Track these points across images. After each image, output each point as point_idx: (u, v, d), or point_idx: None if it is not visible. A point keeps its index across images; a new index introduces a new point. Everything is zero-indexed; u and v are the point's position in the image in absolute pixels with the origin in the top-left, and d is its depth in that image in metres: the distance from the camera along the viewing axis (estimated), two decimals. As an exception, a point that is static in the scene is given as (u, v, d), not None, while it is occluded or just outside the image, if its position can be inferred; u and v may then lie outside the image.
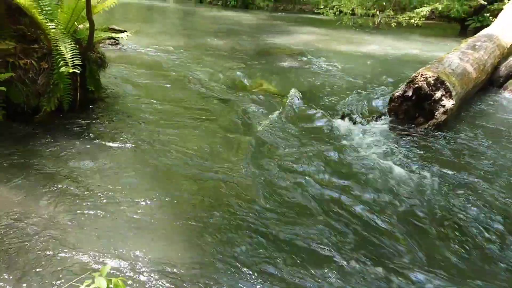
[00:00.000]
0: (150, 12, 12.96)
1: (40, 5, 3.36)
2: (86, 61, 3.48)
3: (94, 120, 3.20)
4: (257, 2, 16.34)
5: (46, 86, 3.26)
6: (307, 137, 3.07)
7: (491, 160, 2.91)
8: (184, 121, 3.27)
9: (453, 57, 4.29)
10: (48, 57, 3.31)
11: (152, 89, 4.07)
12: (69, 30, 3.37)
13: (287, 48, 6.87)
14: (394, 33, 9.44)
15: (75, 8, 3.21)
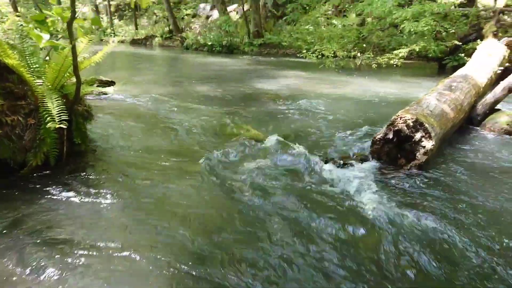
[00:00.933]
0: (137, 60, 13.24)
1: (28, 63, 3.46)
2: (72, 115, 3.55)
3: (80, 174, 3.21)
4: (242, 47, 16.83)
5: (33, 142, 3.29)
6: (292, 183, 3.12)
7: (474, 199, 2.97)
8: (170, 173, 3.29)
9: (430, 98, 4.45)
10: (35, 113, 3.36)
11: (139, 139, 4.12)
12: (56, 86, 3.45)
13: (272, 93, 7.05)
14: (375, 74, 9.76)
15: (62, 65, 3.31)
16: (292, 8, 19.16)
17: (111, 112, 5.09)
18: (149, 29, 23.05)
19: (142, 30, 23.21)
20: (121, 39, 23.31)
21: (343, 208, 2.75)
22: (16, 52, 3.43)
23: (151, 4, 20.17)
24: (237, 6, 21.56)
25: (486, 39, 8.43)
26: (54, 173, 3.23)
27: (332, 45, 10.74)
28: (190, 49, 17.55)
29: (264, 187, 3.01)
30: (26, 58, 3.48)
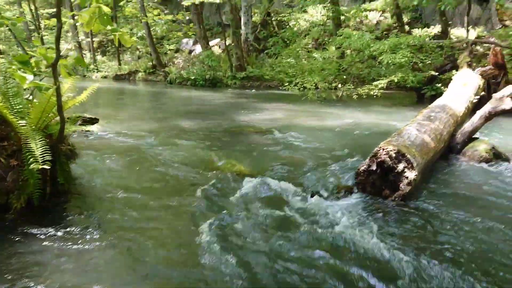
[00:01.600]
0: (121, 96, 13.27)
1: (12, 104, 3.45)
2: (56, 155, 3.52)
3: (63, 215, 3.17)
4: (225, 80, 17.05)
5: (16, 183, 3.24)
6: (278, 219, 3.12)
7: (457, 231, 3.01)
8: (155, 211, 3.27)
9: (411, 129, 4.56)
10: (18, 154, 3.33)
11: (123, 176, 4.10)
12: (40, 126, 3.44)
13: (256, 126, 7.12)
14: (356, 104, 9.97)
15: (46, 105, 3.31)
16: (273, 42, 19.65)
17: (95, 149, 5.05)
18: (132, 64, 23.21)
19: (125, 65, 23.35)
20: (104, 75, 23.39)
21: (328, 242, 2.75)
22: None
23: (134, 43, 20.40)
24: (220, 41, 21.96)
25: (461, 69, 8.73)
26: (37, 214, 3.17)
27: (314, 77, 10.98)
28: (174, 84, 17.69)
29: (250, 224, 3.00)
30: (10, 99, 3.47)
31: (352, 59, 11.15)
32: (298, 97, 10.79)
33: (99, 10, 3.71)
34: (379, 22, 18.18)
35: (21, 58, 3.90)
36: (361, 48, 10.77)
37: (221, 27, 21.75)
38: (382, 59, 9.88)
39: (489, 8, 14.80)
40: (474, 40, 10.96)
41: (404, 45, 9.85)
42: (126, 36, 4.09)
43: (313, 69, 11.69)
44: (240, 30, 18.22)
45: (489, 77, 8.30)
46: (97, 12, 3.72)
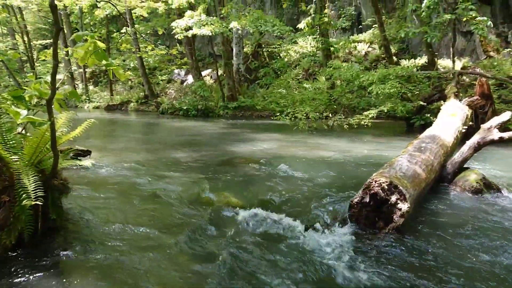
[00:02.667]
0: (114, 127, 13.26)
1: (5, 139, 3.45)
2: (48, 190, 3.50)
3: (55, 252, 3.12)
4: (217, 110, 17.19)
5: (7, 220, 3.20)
6: (271, 253, 3.10)
7: (451, 265, 3.02)
8: (148, 248, 3.23)
9: (402, 160, 4.62)
10: (9, 190, 3.30)
11: (115, 211, 4.06)
12: (33, 162, 3.43)
13: (248, 157, 7.15)
14: (347, 134, 10.08)
15: (40, 141, 3.31)
16: (264, 72, 19.97)
17: (88, 183, 5.02)
18: (124, 94, 23.36)
19: (118, 95, 23.49)
20: (96, 105, 23.46)
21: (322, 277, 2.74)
22: (-8, 129, 3.42)
23: (129, 77, 20.59)
24: (211, 71, 22.27)
25: (449, 99, 8.91)
26: (28, 252, 3.12)
27: (305, 107, 11.13)
28: (166, 114, 17.77)
29: (245, 259, 2.98)
30: (3, 134, 3.47)
31: (342, 89, 11.35)
32: (290, 127, 10.89)
33: (94, 46, 3.78)
34: (367, 53, 18.61)
35: (15, 93, 3.93)
36: (351, 79, 10.99)
37: (212, 57, 22.11)
38: (371, 89, 10.08)
39: (474, 39, 15.26)
40: (461, 71, 11.23)
41: (393, 76, 10.07)
42: (121, 71, 4.15)
43: (304, 99, 11.86)
44: (231, 61, 18.52)
45: (476, 107, 8.49)
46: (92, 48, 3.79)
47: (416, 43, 17.16)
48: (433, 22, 13.52)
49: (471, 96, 8.93)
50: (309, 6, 19.58)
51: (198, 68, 20.68)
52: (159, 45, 24.93)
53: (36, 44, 32.05)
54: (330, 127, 11.01)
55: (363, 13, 20.54)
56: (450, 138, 6.02)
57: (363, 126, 9.95)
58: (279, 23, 13.14)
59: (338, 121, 10.71)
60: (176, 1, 9.69)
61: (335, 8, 21.70)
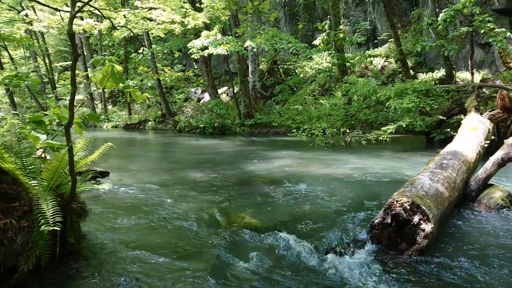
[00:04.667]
0: (131, 146, 13.39)
1: (24, 164, 3.48)
2: (67, 214, 3.50)
3: (74, 278, 3.10)
4: (234, 128, 17.23)
5: (25, 245, 3.20)
6: (293, 277, 3.02)
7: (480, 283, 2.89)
8: (167, 272, 3.19)
9: (424, 178, 4.50)
10: (28, 215, 3.31)
11: (134, 234, 4.04)
12: (52, 186, 3.44)
13: (266, 175, 7.09)
14: (365, 151, 9.94)
15: (58, 166, 3.33)
16: (280, 89, 20.01)
17: (106, 205, 5.04)
18: (142, 113, 23.66)
19: (136, 114, 23.81)
20: (114, 124, 23.81)
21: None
22: (12, 154, 3.46)
23: (146, 98, 20.96)
24: (227, 88, 22.43)
25: (469, 113, 8.74)
26: (45, 278, 3.11)
27: (321, 123, 11.05)
28: (183, 132, 17.89)
29: (265, 283, 2.91)
30: (23, 159, 3.51)
31: (359, 105, 11.24)
32: (307, 144, 10.81)
33: (112, 69, 3.82)
34: (384, 67, 18.49)
35: (35, 118, 3.99)
36: (368, 94, 10.89)
37: (228, 75, 22.29)
38: (389, 104, 9.96)
39: (492, 51, 15.02)
40: (480, 84, 11.05)
41: (411, 91, 9.94)
42: (138, 93, 4.18)
43: (321, 115, 11.79)
44: (247, 78, 18.64)
45: (498, 120, 8.30)
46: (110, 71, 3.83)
47: (433, 56, 16.98)
48: (450, 35, 13.37)
49: (492, 109, 8.74)
50: (323, 22, 19.68)
51: (214, 86, 20.85)
52: (176, 64, 25.31)
53: (57, 66, 32.92)
54: (348, 143, 10.89)
55: (378, 27, 20.50)
56: (472, 153, 5.87)
57: (381, 141, 9.81)
58: (294, 40, 13.19)
59: (355, 137, 10.59)
60: (192, 22, 9.83)
61: (349, 23, 21.72)
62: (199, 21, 10.20)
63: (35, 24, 11.53)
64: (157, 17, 8.73)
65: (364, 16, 21.46)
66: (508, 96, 8.51)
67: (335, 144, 10.88)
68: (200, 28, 14.00)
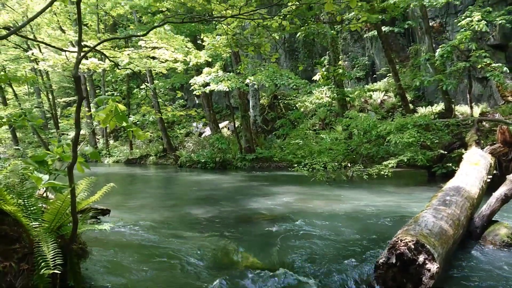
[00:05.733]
0: (132, 182, 13.36)
1: (26, 205, 3.47)
2: (67, 255, 3.46)
3: (72, 323, 3.02)
4: (235, 162, 17.24)
5: (25, 289, 3.16)
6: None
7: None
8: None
9: (427, 215, 4.46)
10: (29, 257, 3.27)
11: (134, 275, 3.98)
12: (53, 228, 3.42)
13: (268, 213, 7.04)
14: (367, 185, 9.90)
15: (60, 207, 3.32)
16: (281, 123, 20.16)
17: (106, 245, 4.98)
18: (143, 148, 23.74)
19: (137, 149, 23.89)
20: (116, 159, 23.85)
21: None
22: (14, 195, 3.46)
23: (148, 137, 21.15)
24: (228, 122, 22.60)
25: (470, 147, 8.77)
26: (44, 323, 3.03)
27: (322, 158, 11.06)
28: (184, 167, 17.89)
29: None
30: (24, 200, 3.50)
31: (360, 139, 11.29)
32: (308, 179, 10.77)
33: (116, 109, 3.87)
34: (383, 101, 18.69)
35: (38, 158, 4.01)
36: (368, 128, 10.96)
37: (229, 109, 22.51)
38: (390, 139, 10.00)
39: (490, 85, 15.22)
40: (480, 118, 11.15)
41: (411, 125, 10.01)
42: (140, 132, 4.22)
43: (322, 150, 11.82)
44: (248, 113, 18.81)
45: (499, 155, 8.30)
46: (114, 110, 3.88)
47: (432, 90, 17.19)
48: (448, 70, 13.60)
49: (493, 143, 8.77)
50: (323, 58, 20.05)
51: (215, 120, 21.03)
52: (177, 99, 25.61)
53: (60, 102, 33.35)
54: (350, 178, 10.86)
55: (377, 62, 20.86)
56: (475, 189, 5.84)
57: (383, 176, 9.79)
58: (294, 76, 13.41)
59: (357, 171, 10.57)
60: (194, 59, 10.04)
61: (348, 58, 22.12)
62: (202, 59, 10.41)
63: (41, 63, 11.76)
64: (160, 56, 8.94)
65: (363, 51, 21.88)
66: (508, 130, 8.55)
67: (337, 179, 10.84)
68: (202, 65, 14.27)
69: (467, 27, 11.76)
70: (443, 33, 16.98)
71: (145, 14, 18.35)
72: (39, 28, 23.64)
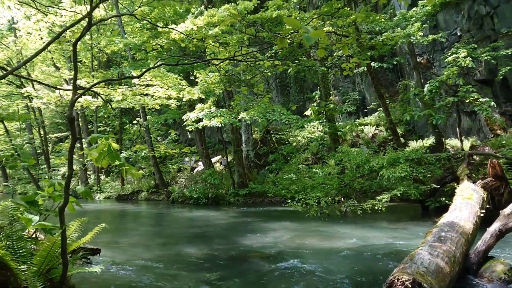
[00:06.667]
0: (123, 219, 13.16)
1: (15, 247, 3.39)
2: (56, 300, 3.36)
3: None
4: (227, 198, 17.09)
5: (10, 337, 3.04)
6: None
7: None
8: None
9: (423, 253, 4.42)
10: (16, 303, 3.17)
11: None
12: (43, 271, 3.34)
13: (261, 250, 6.93)
14: (361, 220, 9.84)
15: (50, 250, 3.25)
16: (273, 158, 20.17)
17: (96, 285, 4.84)
18: (135, 184, 23.50)
19: (128, 185, 23.63)
20: (107, 195, 23.54)
21: None
22: (2, 237, 3.39)
23: (141, 175, 21.02)
24: (221, 157, 22.57)
25: (462, 181, 8.82)
26: None
27: (316, 192, 11.01)
28: (176, 203, 17.68)
29: None
30: (14, 242, 3.43)
31: (353, 174, 11.31)
32: (302, 214, 10.69)
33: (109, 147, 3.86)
34: (374, 135, 18.86)
35: (28, 198, 3.95)
36: (361, 163, 11.01)
37: (222, 144, 22.54)
38: (382, 173, 10.03)
39: (479, 119, 15.48)
40: (470, 152, 11.26)
41: (403, 159, 10.08)
42: (134, 170, 4.20)
43: (315, 185, 11.79)
44: (241, 147, 18.84)
45: (491, 188, 8.35)
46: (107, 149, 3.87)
47: (422, 124, 17.42)
48: (437, 104, 13.85)
49: (484, 177, 8.84)
50: (314, 93, 20.35)
51: (208, 155, 21.00)
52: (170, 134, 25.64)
53: (51, 137, 33.21)
54: (343, 213, 10.79)
55: (367, 97, 21.20)
56: (469, 224, 5.83)
57: (377, 211, 9.75)
58: (286, 112, 13.56)
59: (351, 206, 10.52)
60: (187, 95, 10.14)
61: (339, 93, 22.47)
62: (195, 96, 10.51)
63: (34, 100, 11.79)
64: (154, 93, 9.02)
65: (353, 86, 22.27)
66: (499, 164, 8.64)
67: (331, 214, 10.77)
68: (195, 101, 14.40)
69: (453, 63, 12.09)
70: (430, 69, 17.39)
71: (139, 51, 18.63)
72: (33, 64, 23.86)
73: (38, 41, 13.73)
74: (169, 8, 14.38)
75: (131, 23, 19.28)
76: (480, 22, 15.18)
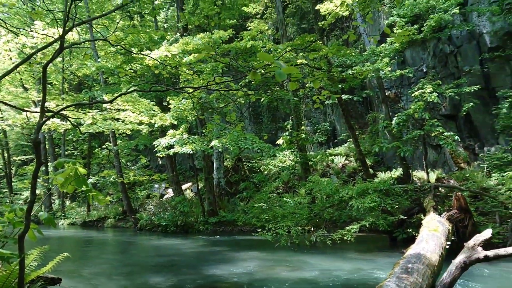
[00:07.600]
0: (88, 247, 12.69)
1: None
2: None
3: None
4: (197, 226, 16.81)
5: None
6: None
7: None
8: None
9: (391, 284, 4.46)
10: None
11: None
12: (-4, 303, 3.15)
13: (230, 280, 6.80)
14: (330, 251, 9.84)
15: (6, 280, 3.08)
16: (245, 186, 20.11)
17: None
18: (102, 210, 22.85)
19: (95, 211, 22.95)
20: (71, 221, 22.75)
21: None
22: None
23: (109, 202, 20.53)
24: (191, 184, 22.31)
25: (428, 213, 9.00)
26: None
27: (286, 222, 10.99)
28: (144, 230, 17.25)
29: None
30: (-33, 272, 3.24)
31: (323, 204, 11.39)
32: (272, 244, 10.61)
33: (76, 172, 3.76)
34: (344, 166, 19.15)
35: (-14, 225, 3.77)
36: (331, 193, 11.12)
37: (193, 171, 22.32)
38: (352, 203, 10.14)
39: (444, 152, 16.00)
40: (436, 184, 11.57)
41: (371, 190, 10.24)
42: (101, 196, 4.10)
43: (285, 214, 11.78)
44: (212, 175, 18.71)
45: (456, 221, 8.56)
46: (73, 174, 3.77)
47: (390, 156, 17.85)
48: (404, 137, 14.26)
49: (450, 209, 9.06)
50: (286, 122, 20.62)
51: (178, 182, 20.74)
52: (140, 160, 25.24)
53: (15, 160, 32.07)
54: (313, 243, 10.78)
55: (338, 128, 21.64)
56: (435, 256, 5.93)
57: (346, 241, 9.79)
58: (258, 140, 13.61)
59: (320, 236, 10.53)
60: (159, 121, 10.07)
61: (310, 124, 22.86)
62: (167, 122, 10.44)
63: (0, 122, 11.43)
64: (125, 118, 8.90)
65: (324, 117, 22.72)
66: (463, 197, 8.91)
67: (300, 244, 10.73)
68: (167, 127, 14.30)
69: (420, 97, 12.56)
70: (398, 102, 18.00)
71: (112, 76, 18.49)
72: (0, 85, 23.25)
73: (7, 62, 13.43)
74: (144, 34, 14.42)
75: (105, 47, 19.23)
76: (444, 60, 15.93)
